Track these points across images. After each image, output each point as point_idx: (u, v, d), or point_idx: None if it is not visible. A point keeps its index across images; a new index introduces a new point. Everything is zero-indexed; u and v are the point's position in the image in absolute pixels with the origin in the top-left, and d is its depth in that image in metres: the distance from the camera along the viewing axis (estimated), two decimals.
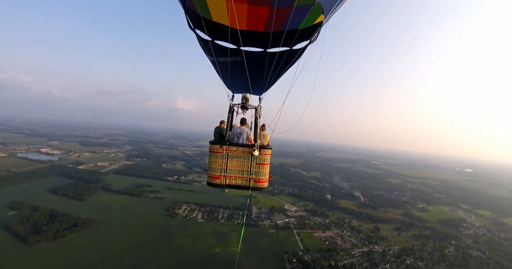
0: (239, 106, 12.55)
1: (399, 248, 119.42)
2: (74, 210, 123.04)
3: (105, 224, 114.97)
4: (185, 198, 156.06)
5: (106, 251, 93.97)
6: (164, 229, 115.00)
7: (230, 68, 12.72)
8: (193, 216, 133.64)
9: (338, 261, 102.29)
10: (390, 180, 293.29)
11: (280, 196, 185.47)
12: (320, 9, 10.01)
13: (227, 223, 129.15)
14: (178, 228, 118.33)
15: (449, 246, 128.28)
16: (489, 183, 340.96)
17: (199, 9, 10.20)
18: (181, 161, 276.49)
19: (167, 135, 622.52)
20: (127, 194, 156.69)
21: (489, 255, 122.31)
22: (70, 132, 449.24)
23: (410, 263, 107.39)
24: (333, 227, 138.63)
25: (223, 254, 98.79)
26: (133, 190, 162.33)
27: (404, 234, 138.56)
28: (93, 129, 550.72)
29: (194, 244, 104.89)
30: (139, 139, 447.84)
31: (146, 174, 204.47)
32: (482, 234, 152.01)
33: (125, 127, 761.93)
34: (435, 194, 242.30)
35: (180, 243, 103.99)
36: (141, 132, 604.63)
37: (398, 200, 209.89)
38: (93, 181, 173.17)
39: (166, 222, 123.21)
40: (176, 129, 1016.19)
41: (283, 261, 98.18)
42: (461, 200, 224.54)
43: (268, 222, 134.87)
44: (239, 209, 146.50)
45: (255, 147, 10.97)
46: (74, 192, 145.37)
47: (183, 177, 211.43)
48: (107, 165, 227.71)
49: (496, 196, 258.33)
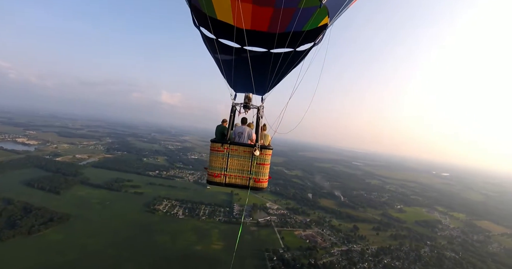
0: (242, 105, 12.53)
1: (377, 248, 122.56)
2: (51, 204, 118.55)
3: (83, 219, 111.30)
4: (166, 194, 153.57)
5: (83, 247, 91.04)
6: (144, 225, 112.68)
7: (234, 67, 12.57)
8: (174, 212, 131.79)
9: (318, 259, 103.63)
10: (370, 181, 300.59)
11: (262, 193, 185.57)
12: (326, 12, 9.84)
13: (209, 220, 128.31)
14: (159, 224, 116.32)
15: (425, 246, 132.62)
16: (464, 186, 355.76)
17: (204, 7, 10.16)
18: (163, 156, 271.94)
19: (150, 128, 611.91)
20: (106, 188, 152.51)
21: (462, 256, 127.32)
22: (48, 122, 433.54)
23: (388, 263, 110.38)
24: (314, 225, 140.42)
25: (204, 251, 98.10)
26: (113, 184, 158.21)
27: (382, 234, 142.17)
28: (73, 120, 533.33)
29: (174, 241, 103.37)
30: (120, 132, 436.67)
31: (126, 168, 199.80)
32: (456, 235, 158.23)
33: (106, 119, 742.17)
34: (412, 196, 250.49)
35: (160, 240, 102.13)
36: (123, 125, 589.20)
37: (377, 200, 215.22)
38: (71, 173, 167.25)
39: (146, 218, 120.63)
40: (159, 123, 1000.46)
41: (264, 259, 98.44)
42: (437, 202, 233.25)
43: (249, 220, 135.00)
44: (221, 206, 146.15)
45: (256, 147, 10.97)
46: (50, 185, 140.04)
47: (165, 172, 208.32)
48: (86, 157, 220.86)
49: (470, 199, 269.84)
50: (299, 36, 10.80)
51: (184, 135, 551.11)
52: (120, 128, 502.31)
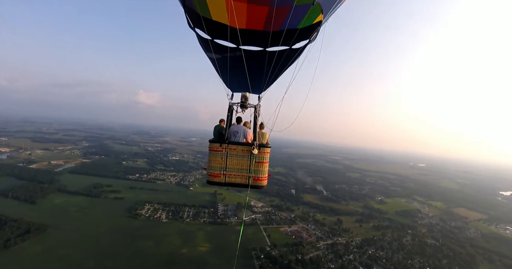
0: (239, 105, 12.67)
1: (361, 239, 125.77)
2: (27, 215, 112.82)
3: (62, 229, 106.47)
4: (148, 198, 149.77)
5: (63, 258, 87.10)
6: (126, 232, 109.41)
7: (230, 67, 12.60)
8: (157, 216, 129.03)
9: (305, 254, 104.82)
10: (350, 174, 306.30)
11: (246, 192, 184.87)
12: (319, 9, 10.08)
13: (193, 222, 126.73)
14: (142, 229, 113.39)
15: (406, 235, 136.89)
16: (440, 176, 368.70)
17: (198, 8, 10.28)
18: (143, 158, 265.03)
19: (128, 130, 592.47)
20: (85, 195, 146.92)
21: (442, 242, 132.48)
22: (21, 127, 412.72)
23: (372, 253, 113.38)
24: (299, 221, 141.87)
25: (190, 255, 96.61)
26: (91, 191, 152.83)
27: (365, 225, 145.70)
28: (47, 124, 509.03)
29: (159, 245, 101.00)
30: (97, 135, 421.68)
31: (105, 173, 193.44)
32: (435, 223, 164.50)
33: (82, 122, 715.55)
34: (392, 187, 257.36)
35: (144, 246, 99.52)
36: (99, 128, 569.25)
37: (358, 193, 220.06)
38: (47, 181, 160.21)
39: (128, 224, 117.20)
40: (137, 124, 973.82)
41: (251, 258, 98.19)
42: (415, 192, 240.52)
43: (235, 219, 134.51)
44: (205, 207, 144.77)
45: (254, 146, 11.11)
46: (25, 194, 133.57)
47: (145, 175, 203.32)
48: (62, 163, 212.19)
49: (446, 188, 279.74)
50: (294, 34, 11.00)
51: (163, 135, 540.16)
52: (96, 131, 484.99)
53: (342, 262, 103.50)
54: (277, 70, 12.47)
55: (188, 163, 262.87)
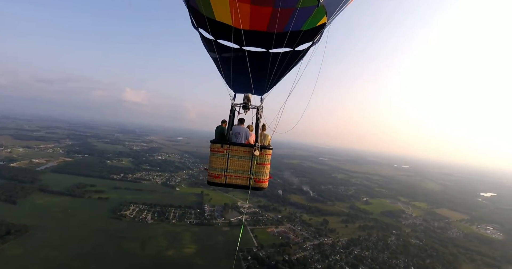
0: (241, 106, 12.57)
1: (347, 239, 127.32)
2: (7, 215, 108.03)
3: (44, 230, 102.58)
4: (133, 198, 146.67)
5: (46, 261, 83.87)
6: (111, 233, 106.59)
7: (233, 68, 12.67)
8: (142, 217, 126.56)
9: (292, 255, 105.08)
10: (336, 175, 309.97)
11: (233, 192, 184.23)
12: (324, 11, 10.09)
13: (179, 223, 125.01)
14: (127, 231, 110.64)
15: (391, 235, 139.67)
16: (423, 177, 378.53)
17: (202, 8, 10.31)
18: (128, 157, 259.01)
19: (113, 128, 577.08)
20: (68, 195, 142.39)
21: (426, 242, 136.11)
22: (1, 124, 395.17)
23: (358, 253, 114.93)
24: (285, 221, 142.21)
25: (176, 256, 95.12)
26: (75, 191, 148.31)
27: (351, 225, 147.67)
28: (28, 121, 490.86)
29: (144, 247, 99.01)
30: (81, 133, 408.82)
31: (88, 172, 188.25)
32: (419, 223, 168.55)
33: (65, 119, 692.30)
34: (377, 188, 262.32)
35: (129, 247, 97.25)
36: (83, 125, 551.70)
37: (344, 194, 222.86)
38: (28, 180, 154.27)
39: (112, 225, 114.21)
40: (122, 122, 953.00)
41: (238, 259, 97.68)
42: (399, 193, 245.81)
43: (221, 220, 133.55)
44: (191, 208, 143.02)
45: (256, 147, 11.09)
46: (5, 194, 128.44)
47: (130, 174, 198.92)
48: (44, 162, 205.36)
49: (429, 189, 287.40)
50: (298, 36, 11.01)
51: (149, 134, 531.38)
52: (80, 129, 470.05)
53: (329, 262, 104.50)
54: (280, 72, 12.45)
55: (174, 163, 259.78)
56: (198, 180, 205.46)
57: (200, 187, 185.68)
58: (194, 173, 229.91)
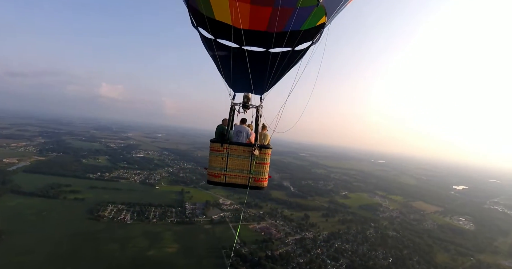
0: (241, 105, 12.61)
1: (328, 233, 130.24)
2: None
3: (17, 234, 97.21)
4: (111, 198, 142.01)
5: (20, 266, 79.89)
6: (88, 235, 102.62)
7: (233, 67, 12.65)
8: (121, 217, 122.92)
9: (274, 250, 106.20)
10: (316, 170, 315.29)
11: (214, 189, 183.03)
12: (323, 11, 10.11)
13: (160, 223, 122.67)
14: (105, 232, 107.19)
15: (370, 228, 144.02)
16: (399, 172, 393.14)
17: (202, 7, 10.35)
18: (105, 155, 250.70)
19: (88, 125, 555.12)
20: (42, 196, 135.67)
21: (402, 234, 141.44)
22: None
23: (338, 246, 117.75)
24: (267, 217, 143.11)
25: (157, 256, 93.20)
26: (49, 191, 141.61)
27: (331, 219, 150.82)
28: None
29: (124, 248, 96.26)
30: (54, 130, 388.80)
31: (63, 172, 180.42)
32: (395, 216, 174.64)
33: (37, 115, 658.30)
34: (355, 183, 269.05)
35: (108, 249, 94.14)
36: (57, 122, 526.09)
37: (324, 188, 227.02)
38: None
39: (90, 227, 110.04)
40: (98, 119, 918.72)
41: (221, 257, 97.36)
42: (376, 187, 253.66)
43: (203, 218, 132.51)
44: (172, 206, 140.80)
45: (256, 147, 11.12)
46: None
47: (107, 173, 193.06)
48: (16, 161, 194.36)
49: (405, 183, 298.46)
50: (297, 36, 11.04)
51: (127, 131, 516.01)
52: (54, 125, 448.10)
53: (311, 256, 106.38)
54: (280, 72, 12.42)
55: (153, 160, 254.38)
56: (178, 178, 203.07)
57: (180, 184, 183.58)
58: (174, 170, 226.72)
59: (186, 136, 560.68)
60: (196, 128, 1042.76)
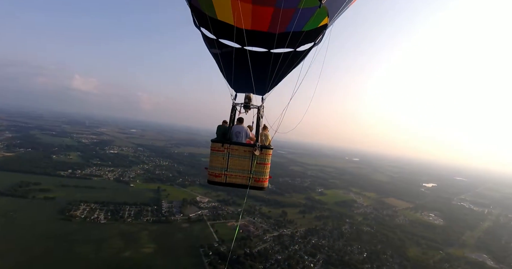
0: (242, 105, 12.79)
1: (305, 229, 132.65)
2: None
3: None
4: (83, 196, 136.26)
5: None
6: (60, 236, 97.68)
7: (234, 68, 12.68)
8: (94, 217, 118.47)
9: (253, 248, 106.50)
10: (293, 168, 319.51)
11: (192, 187, 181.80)
12: (325, 12, 10.18)
13: (135, 222, 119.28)
14: (78, 233, 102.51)
15: (345, 224, 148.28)
16: (372, 169, 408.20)
17: (204, 7, 10.44)
18: (76, 151, 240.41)
19: (58, 119, 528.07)
20: (9, 195, 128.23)
21: (376, 229, 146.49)
22: None
23: (315, 242, 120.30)
24: (245, 215, 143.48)
25: (134, 257, 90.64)
26: (16, 190, 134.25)
27: (308, 216, 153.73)
28: None
29: (98, 250, 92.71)
30: (22, 124, 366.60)
31: (32, 169, 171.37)
32: (369, 212, 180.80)
33: (4, 109, 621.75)
34: (331, 180, 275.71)
35: (81, 251, 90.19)
36: (25, 116, 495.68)
37: (301, 185, 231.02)
38: None
39: (62, 227, 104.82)
40: (69, 112, 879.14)
41: (199, 256, 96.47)
42: (351, 184, 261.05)
43: (180, 216, 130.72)
44: (148, 205, 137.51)
45: (257, 147, 11.20)
46: None
47: (79, 170, 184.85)
48: None
49: (378, 180, 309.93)
50: (299, 36, 11.13)
51: (100, 126, 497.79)
52: (21, 119, 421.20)
53: (288, 252, 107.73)
54: (282, 72, 12.61)
55: (128, 157, 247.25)
56: (154, 175, 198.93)
57: (156, 182, 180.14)
58: (150, 167, 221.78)
59: (162, 132, 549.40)
60: (172, 124, 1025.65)
